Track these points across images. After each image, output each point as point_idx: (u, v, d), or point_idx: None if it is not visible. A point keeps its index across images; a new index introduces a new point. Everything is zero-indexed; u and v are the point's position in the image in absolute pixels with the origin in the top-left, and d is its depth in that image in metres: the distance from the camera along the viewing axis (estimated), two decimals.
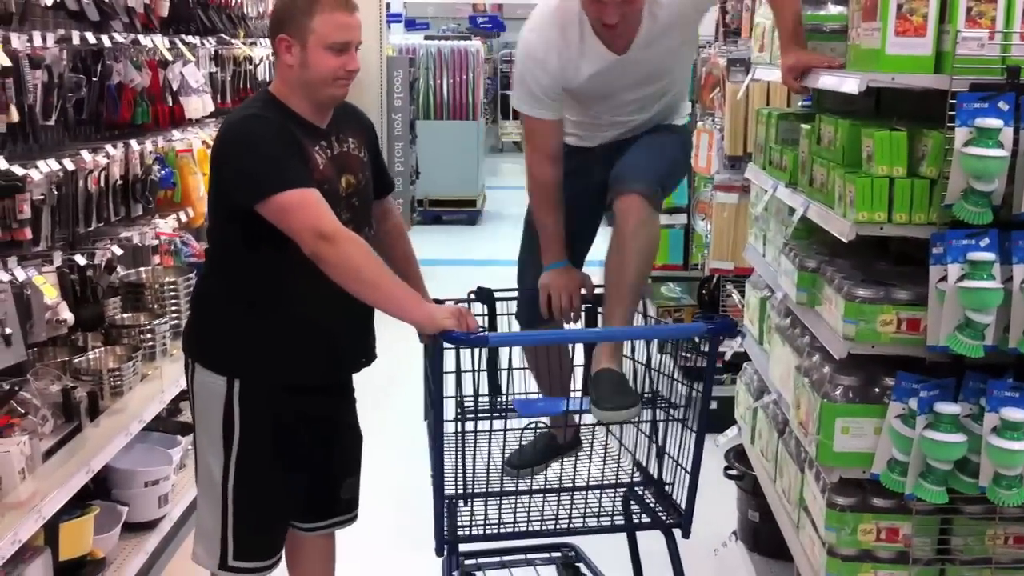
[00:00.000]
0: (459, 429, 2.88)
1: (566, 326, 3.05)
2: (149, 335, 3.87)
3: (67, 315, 3.53)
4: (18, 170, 3.28)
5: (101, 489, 3.60)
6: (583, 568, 3.40)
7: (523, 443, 2.97)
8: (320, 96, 2.65)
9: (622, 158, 2.93)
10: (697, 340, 2.81)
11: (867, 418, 2.45)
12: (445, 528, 2.80)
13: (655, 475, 2.94)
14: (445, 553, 2.81)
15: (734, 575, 3.60)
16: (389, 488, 4.33)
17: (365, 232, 2.75)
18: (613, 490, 2.95)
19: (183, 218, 4.72)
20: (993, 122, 2.19)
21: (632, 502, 2.96)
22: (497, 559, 3.35)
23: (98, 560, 3.22)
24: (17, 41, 3.35)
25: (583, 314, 3.09)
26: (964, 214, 2.23)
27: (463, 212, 11.30)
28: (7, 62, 3.23)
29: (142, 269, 4.29)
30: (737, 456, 3.66)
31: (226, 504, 2.76)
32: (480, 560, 3.36)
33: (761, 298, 3.42)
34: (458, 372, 2.88)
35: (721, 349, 3.16)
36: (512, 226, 2.89)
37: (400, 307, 2.57)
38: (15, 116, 3.33)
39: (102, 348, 3.70)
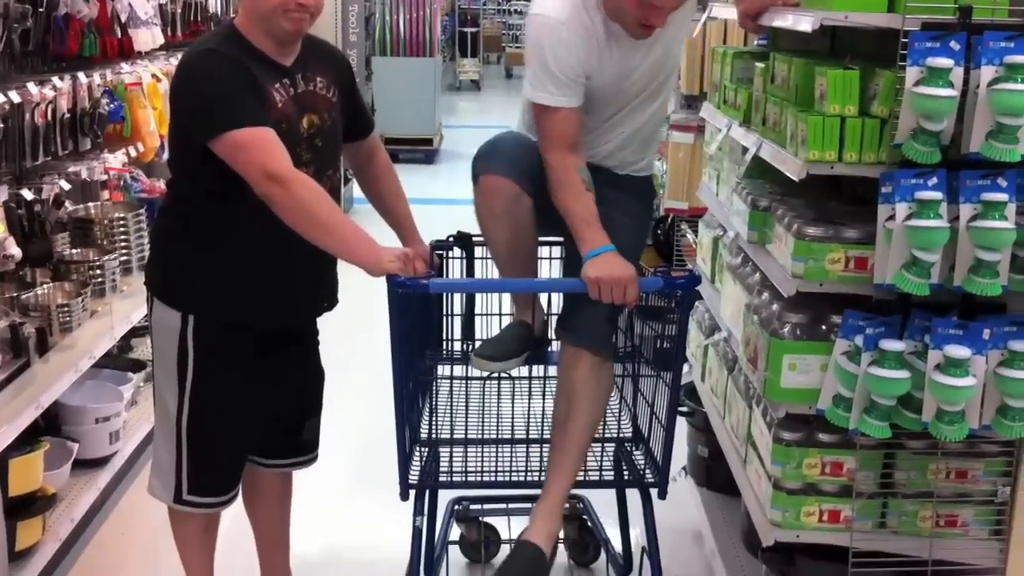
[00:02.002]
0: (434, 375, 2.90)
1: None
2: (98, 271, 3.83)
3: (15, 250, 3.48)
4: None
5: (52, 426, 3.57)
6: (588, 521, 3.45)
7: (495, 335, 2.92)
8: (274, 29, 2.60)
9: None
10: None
11: (814, 355, 2.49)
12: (410, 474, 2.82)
13: (643, 432, 2.98)
14: (411, 498, 2.83)
15: (683, 510, 3.65)
16: (353, 429, 4.34)
17: (328, 174, 2.72)
18: (601, 445, 2.99)
19: (133, 153, 4.64)
20: (944, 62, 2.20)
21: (622, 460, 3.00)
22: (502, 506, 3.38)
23: (49, 496, 3.21)
24: None
25: None
26: (913, 153, 2.25)
27: (420, 151, 11.22)
28: None
29: (91, 204, 4.23)
30: (687, 393, 3.71)
31: (179, 438, 2.76)
32: (484, 506, 3.39)
33: (714, 237, 3.44)
34: (421, 317, 2.88)
35: None
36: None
37: (349, 250, 2.57)
38: None
39: (51, 284, 3.66)
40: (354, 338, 4.98)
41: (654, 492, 2.88)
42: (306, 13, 2.59)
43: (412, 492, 2.84)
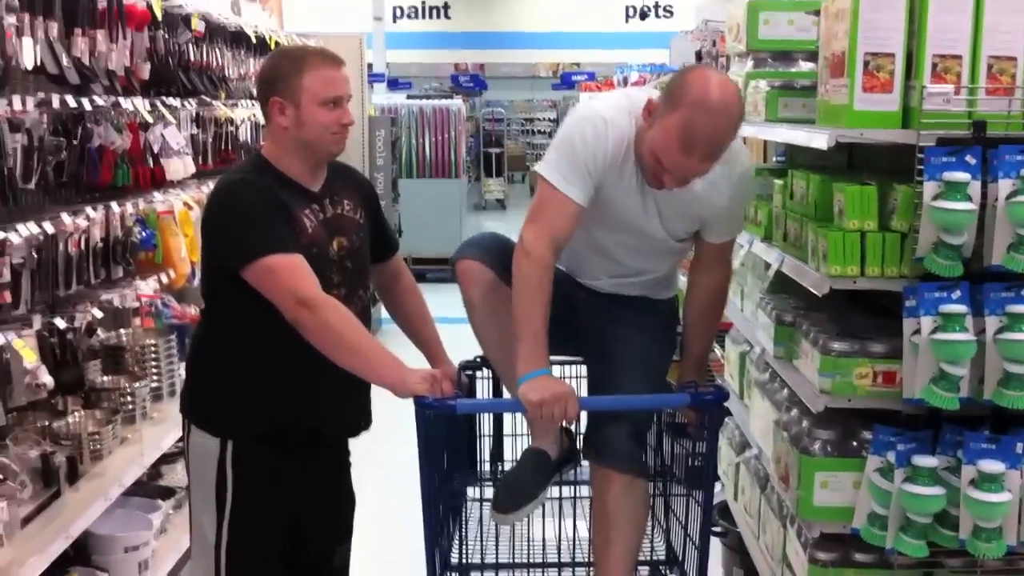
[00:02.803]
0: (464, 498, 2.86)
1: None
2: (129, 398, 3.84)
3: (46, 379, 3.51)
4: None
5: (81, 555, 3.54)
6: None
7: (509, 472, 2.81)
8: (318, 152, 2.68)
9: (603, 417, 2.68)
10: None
11: (846, 472, 2.46)
12: None
13: (676, 554, 2.92)
14: None
15: None
16: (383, 554, 4.28)
17: (359, 295, 2.77)
18: (635, 568, 2.86)
19: (164, 280, 4.71)
20: (961, 176, 2.22)
21: None
22: None
23: None
24: None
25: None
26: (935, 267, 2.26)
27: (447, 271, 11.17)
28: None
29: (122, 331, 4.27)
30: (720, 512, 3.65)
31: (219, 567, 2.74)
32: None
33: (740, 352, 3.43)
34: (450, 438, 2.87)
35: None
36: None
37: (376, 372, 2.59)
38: None
39: (82, 412, 3.68)
40: (386, 458, 4.95)
41: None
42: (347, 132, 2.67)
43: None
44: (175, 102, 4.91)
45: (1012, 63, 2.36)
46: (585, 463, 2.86)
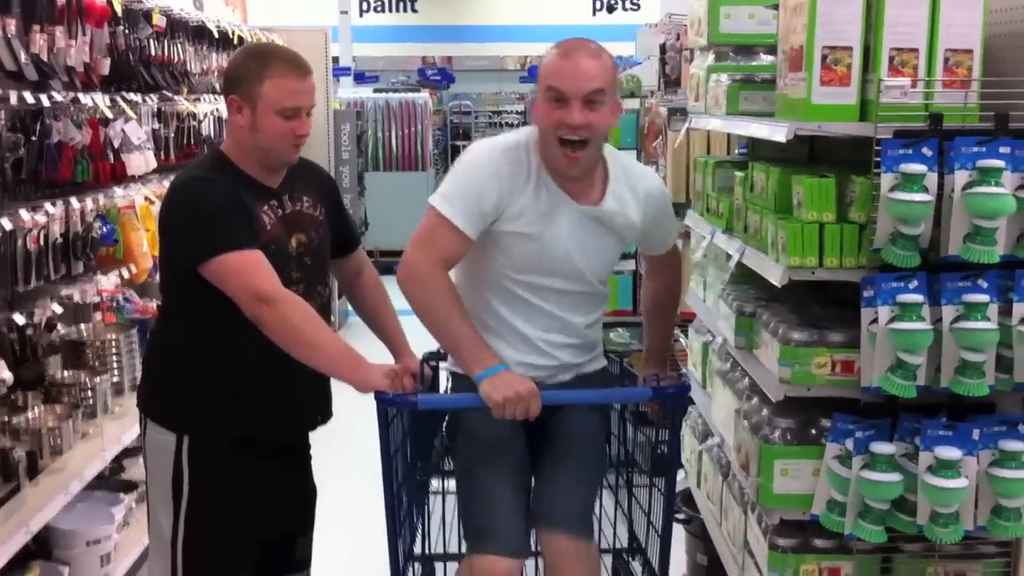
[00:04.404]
0: (427, 490, 2.87)
1: None
2: (90, 393, 3.82)
3: (5, 375, 3.50)
4: None
5: (42, 550, 3.53)
6: None
7: None
8: (269, 159, 2.68)
9: (550, 480, 2.65)
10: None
11: (805, 459, 2.48)
12: None
13: (639, 542, 2.95)
14: None
15: None
16: (346, 545, 4.28)
17: (318, 290, 2.76)
18: (599, 557, 2.87)
19: (126, 274, 4.68)
20: (917, 168, 2.25)
21: (620, 573, 2.96)
22: None
23: None
24: None
25: None
26: (892, 257, 2.28)
27: None
28: None
29: (82, 326, 4.24)
30: (684, 500, 3.68)
31: (175, 562, 2.73)
32: None
33: (703, 343, 3.45)
34: (412, 432, 2.87)
35: None
36: None
37: (336, 368, 2.60)
38: None
39: (41, 407, 3.65)
40: (348, 452, 4.95)
41: None
42: (303, 142, 2.66)
43: None
44: (136, 97, 4.87)
45: (968, 56, 2.39)
46: None
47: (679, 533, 3.80)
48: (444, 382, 3.01)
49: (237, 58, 2.79)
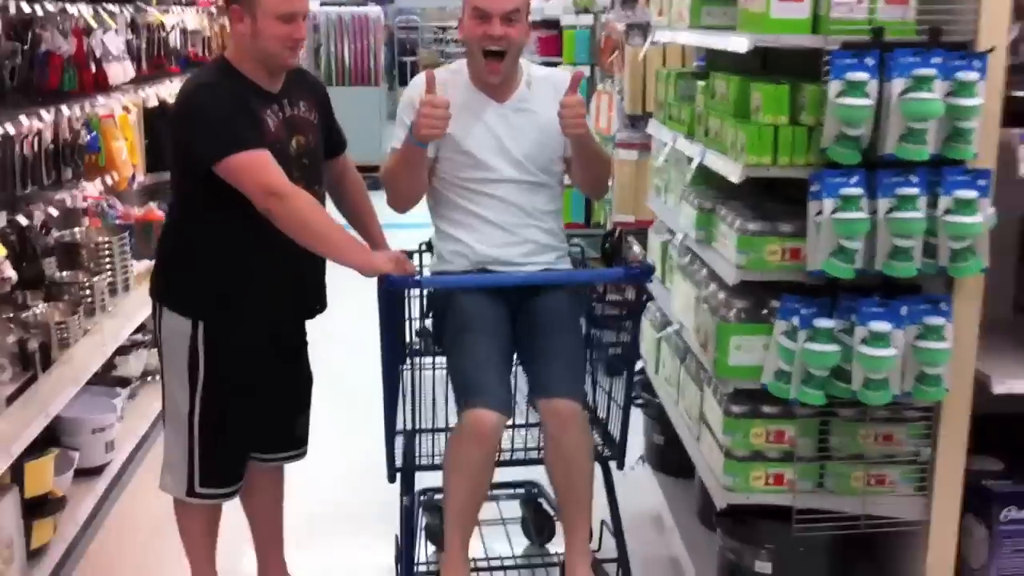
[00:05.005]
0: (408, 366, 3.18)
1: None
2: (88, 292, 4.06)
3: (10, 273, 3.72)
4: None
5: (50, 438, 3.78)
6: (544, 504, 3.75)
7: None
8: (271, 63, 2.91)
9: (541, 354, 3.01)
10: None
11: (756, 336, 2.81)
12: (396, 457, 3.12)
13: (597, 412, 3.30)
14: (398, 480, 3.13)
15: (643, 493, 3.97)
16: (337, 427, 4.57)
17: (315, 189, 3.02)
18: None
19: (108, 181, 4.88)
20: (861, 76, 2.54)
21: None
22: None
23: (59, 498, 3.44)
24: None
25: None
26: (837, 156, 2.59)
27: (368, 177, 11.41)
28: None
29: (76, 229, 4.45)
30: (642, 386, 4.03)
31: (192, 435, 3.02)
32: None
33: (663, 243, 3.77)
34: (408, 315, 3.16)
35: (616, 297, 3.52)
36: None
37: (344, 255, 2.87)
38: None
39: (44, 304, 3.88)
40: (342, 337, 5.22)
41: (613, 465, 3.19)
42: (300, 46, 2.91)
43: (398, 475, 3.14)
44: (114, 8, 5.02)
45: None
46: None
47: (636, 418, 4.17)
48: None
49: None
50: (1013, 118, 2.68)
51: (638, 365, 4.22)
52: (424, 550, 3.50)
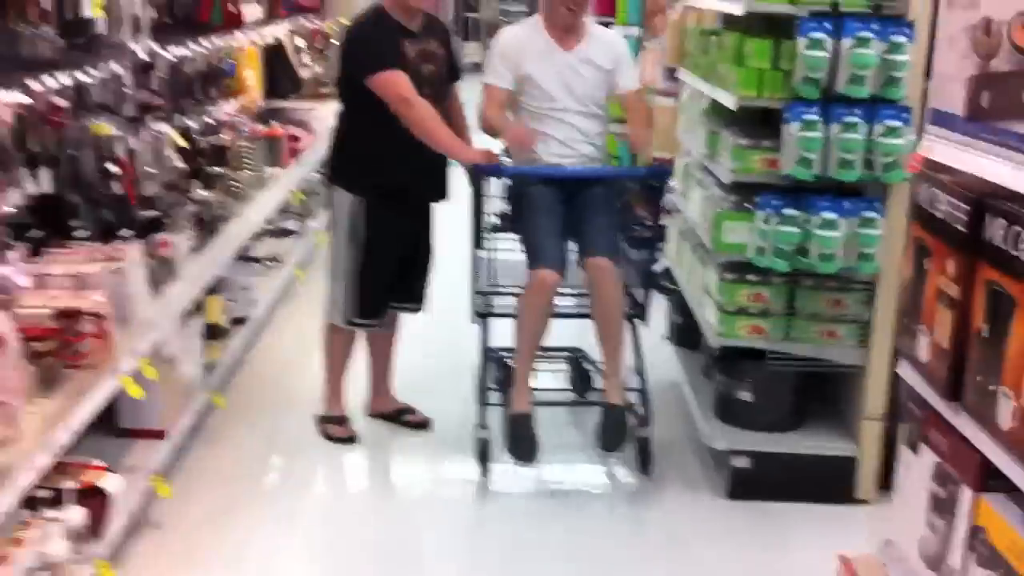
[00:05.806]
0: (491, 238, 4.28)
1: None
2: (237, 183, 5.20)
3: (182, 165, 4.84)
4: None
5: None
6: (583, 363, 4.83)
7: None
8: (409, 4, 4.03)
9: (587, 226, 4.04)
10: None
11: (743, 221, 3.87)
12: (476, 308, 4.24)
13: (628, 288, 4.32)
14: (480, 322, 4.25)
15: (665, 361, 5.03)
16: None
17: (439, 105, 4.11)
18: None
19: (241, 102, 6.01)
20: (821, 36, 3.58)
21: None
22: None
23: (224, 328, 4.61)
24: None
25: None
26: (803, 92, 3.63)
27: None
28: None
29: (222, 135, 5.59)
30: (667, 277, 5.11)
31: (351, 282, 4.20)
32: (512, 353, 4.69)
33: (685, 163, 4.85)
34: (484, 196, 4.17)
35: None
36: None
37: (448, 147, 4.02)
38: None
39: (205, 191, 5.02)
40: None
41: (638, 322, 4.28)
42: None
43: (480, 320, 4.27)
44: None
45: None
46: None
47: (660, 305, 5.24)
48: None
49: None
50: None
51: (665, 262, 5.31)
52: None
